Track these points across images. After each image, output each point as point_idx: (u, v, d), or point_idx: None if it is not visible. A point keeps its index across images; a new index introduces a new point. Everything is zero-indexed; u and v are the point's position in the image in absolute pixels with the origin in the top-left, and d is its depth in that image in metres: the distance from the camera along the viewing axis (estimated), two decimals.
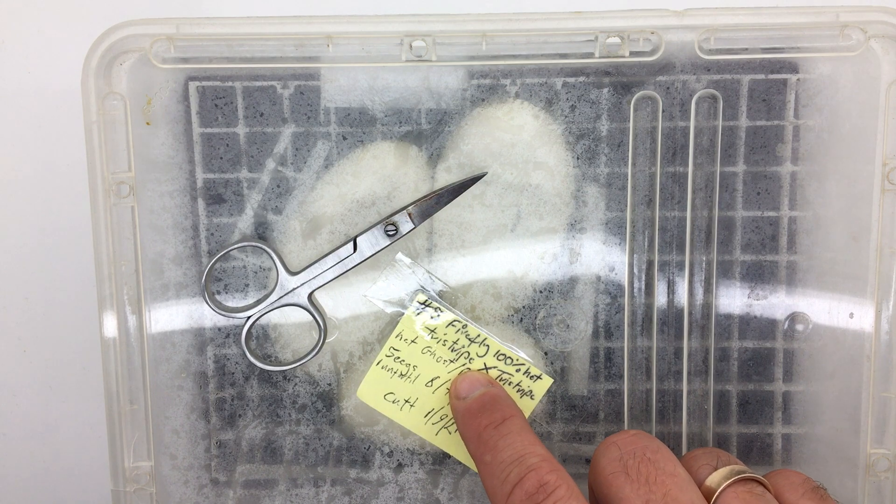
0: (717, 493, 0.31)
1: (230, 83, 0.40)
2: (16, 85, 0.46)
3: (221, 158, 0.40)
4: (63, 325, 0.48)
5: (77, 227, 0.46)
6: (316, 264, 0.40)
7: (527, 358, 0.40)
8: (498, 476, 0.33)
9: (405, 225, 0.39)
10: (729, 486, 0.32)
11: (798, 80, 0.39)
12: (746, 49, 0.39)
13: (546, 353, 0.41)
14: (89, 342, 0.47)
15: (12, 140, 0.47)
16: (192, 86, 0.40)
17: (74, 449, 0.49)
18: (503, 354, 0.40)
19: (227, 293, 0.41)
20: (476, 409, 0.37)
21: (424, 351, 0.40)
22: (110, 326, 0.40)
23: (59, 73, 0.46)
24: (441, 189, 0.39)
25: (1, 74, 0.47)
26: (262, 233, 0.41)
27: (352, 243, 0.40)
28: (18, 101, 0.47)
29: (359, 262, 0.40)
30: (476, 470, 0.35)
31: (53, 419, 0.49)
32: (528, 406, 0.41)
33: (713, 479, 0.32)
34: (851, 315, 0.40)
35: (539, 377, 0.40)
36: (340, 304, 0.41)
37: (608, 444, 0.33)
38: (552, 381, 0.40)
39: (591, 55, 0.38)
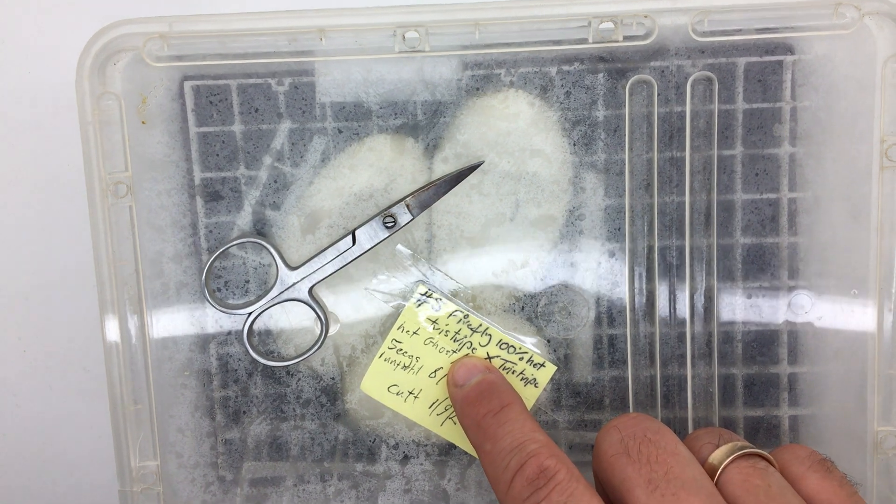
0: (719, 470, 0.31)
1: (225, 81, 0.40)
2: (12, 87, 0.46)
3: (218, 155, 0.40)
4: (63, 325, 0.48)
5: (76, 227, 0.47)
6: (315, 258, 0.40)
7: (529, 346, 0.40)
8: (499, 464, 0.33)
9: (403, 216, 0.39)
10: (731, 461, 0.32)
11: (794, 60, 0.39)
12: (740, 30, 0.38)
13: (549, 341, 0.41)
14: (89, 342, 0.48)
15: (10, 142, 0.47)
16: (188, 85, 0.40)
17: (75, 449, 0.49)
18: (506, 343, 0.40)
19: (227, 290, 0.41)
20: (474, 397, 0.37)
21: (427, 342, 0.40)
22: (112, 326, 0.40)
23: (54, 74, 0.46)
24: (438, 179, 0.39)
25: None
26: (260, 229, 0.41)
27: (350, 236, 0.40)
28: (15, 102, 0.47)
29: (358, 254, 0.40)
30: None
31: (53, 419, 0.49)
32: (532, 394, 0.40)
33: (716, 457, 0.32)
34: (854, 293, 0.40)
35: (542, 365, 0.40)
36: (341, 297, 0.41)
37: (609, 428, 0.33)
38: (556, 368, 0.40)
39: (584, 41, 0.38)
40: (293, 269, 0.40)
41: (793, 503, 0.31)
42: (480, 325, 0.40)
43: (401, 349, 0.40)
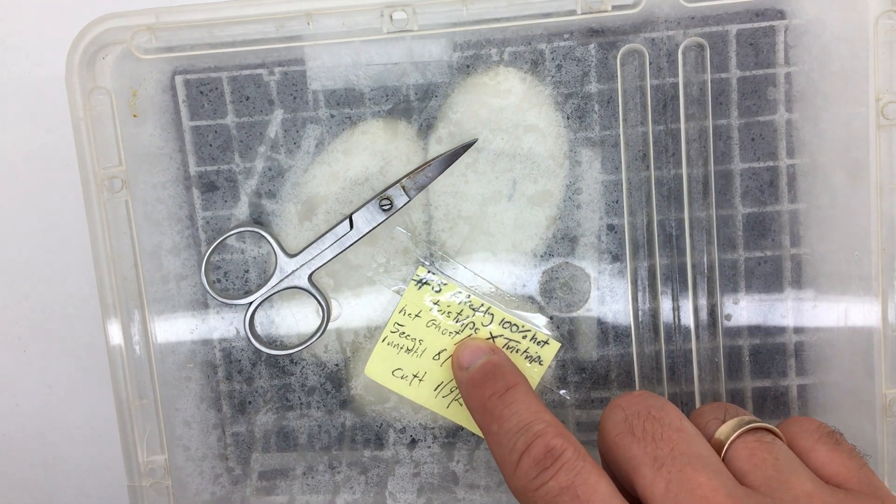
0: (726, 445, 0.31)
1: (216, 73, 0.40)
2: (5, 82, 0.46)
3: (211, 146, 0.40)
4: (63, 325, 0.48)
5: (75, 224, 0.46)
6: (314, 245, 0.40)
7: (532, 324, 0.40)
8: (505, 445, 0.32)
9: (400, 198, 0.39)
10: (738, 436, 0.31)
11: (785, 24, 0.39)
12: None
13: (551, 318, 0.41)
14: (90, 341, 0.47)
15: (4, 142, 0.47)
16: (179, 78, 0.39)
17: (75, 449, 0.49)
18: (508, 322, 0.40)
19: (227, 281, 0.41)
20: (479, 379, 0.36)
21: (429, 324, 0.40)
22: (114, 323, 0.40)
23: (46, 68, 0.46)
24: (432, 159, 0.39)
25: None
26: (258, 218, 0.41)
27: (348, 221, 0.40)
28: (5, 102, 0.46)
29: (356, 239, 0.40)
30: None
31: (53, 419, 0.49)
32: (537, 372, 0.40)
33: (722, 432, 0.32)
34: (856, 254, 0.40)
35: (546, 342, 0.40)
36: (342, 283, 0.41)
37: (613, 408, 0.33)
38: (560, 345, 0.40)
39: (573, 12, 0.38)
40: (292, 256, 0.40)
41: (801, 475, 0.30)
42: (482, 304, 0.40)
43: (403, 332, 0.40)
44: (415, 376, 0.40)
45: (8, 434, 0.49)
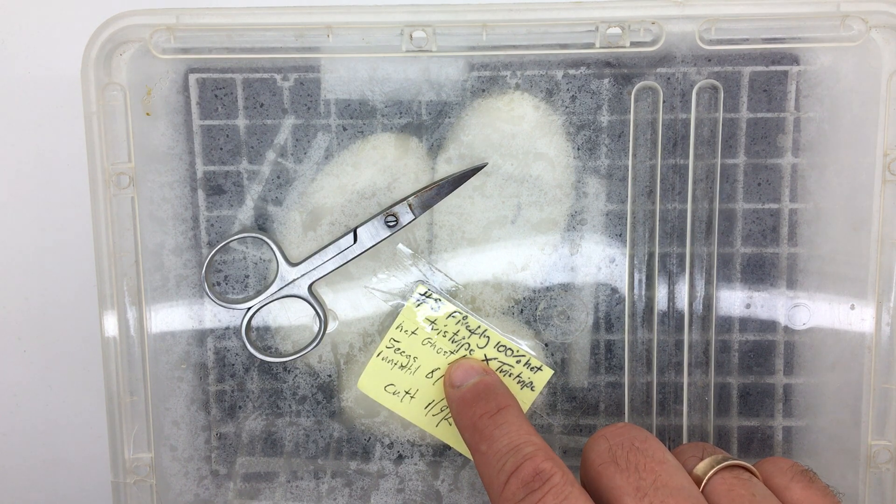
0: (704, 481, 0.32)
1: (230, 75, 0.40)
2: (16, 77, 0.46)
3: (221, 149, 0.40)
4: (63, 325, 0.48)
5: (77, 224, 0.46)
6: (316, 255, 0.40)
7: (527, 349, 0.40)
8: (494, 465, 0.33)
9: (405, 216, 0.39)
10: (716, 472, 0.32)
11: (799, 70, 0.39)
12: (747, 39, 0.39)
13: (546, 345, 0.41)
14: (89, 341, 0.47)
15: (12, 133, 0.47)
16: (193, 78, 0.39)
17: (74, 449, 0.49)
18: (503, 346, 0.40)
19: (227, 284, 0.41)
20: (471, 398, 0.37)
21: (425, 342, 0.40)
22: (110, 317, 0.40)
23: (59, 64, 0.46)
24: (441, 180, 0.39)
25: (1, 66, 0.46)
26: (262, 224, 0.41)
27: (352, 234, 0.40)
28: (18, 93, 0.46)
29: (359, 252, 0.40)
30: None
31: (53, 419, 0.49)
32: (528, 398, 0.40)
33: (700, 468, 0.32)
34: (852, 306, 0.40)
35: (539, 368, 0.40)
36: (341, 295, 0.41)
37: (597, 438, 0.33)
38: (552, 372, 0.40)
39: (591, 45, 0.38)
40: (294, 265, 0.40)
41: None
42: (479, 326, 0.40)
43: (399, 349, 0.40)
44: (406, 393, 0.40)
45: (8, 434, 0.49)
